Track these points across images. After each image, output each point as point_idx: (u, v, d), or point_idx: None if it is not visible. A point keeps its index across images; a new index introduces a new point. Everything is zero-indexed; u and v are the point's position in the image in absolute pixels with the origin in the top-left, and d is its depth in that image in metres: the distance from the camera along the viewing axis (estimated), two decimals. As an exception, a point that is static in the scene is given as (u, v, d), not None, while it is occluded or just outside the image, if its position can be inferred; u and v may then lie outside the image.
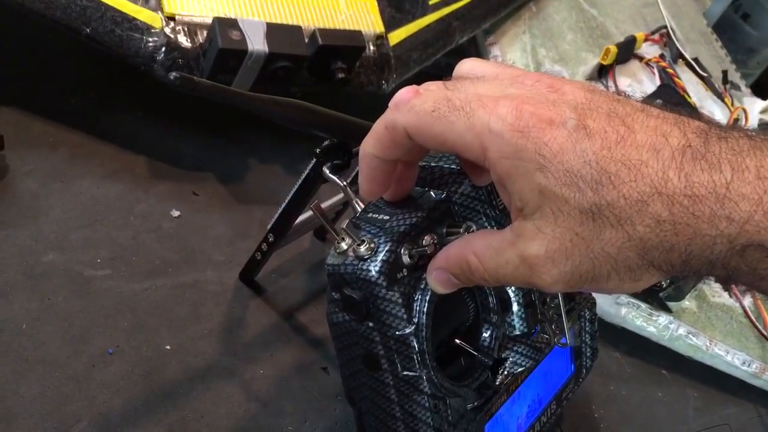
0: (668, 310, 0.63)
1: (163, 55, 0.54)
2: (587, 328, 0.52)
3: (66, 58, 0.61)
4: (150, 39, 0.54)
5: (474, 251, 0.33)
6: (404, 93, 0.32)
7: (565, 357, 0.51)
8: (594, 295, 0.60)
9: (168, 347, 0.48)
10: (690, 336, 0.62)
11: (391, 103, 0.33)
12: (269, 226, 0.49)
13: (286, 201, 0.47)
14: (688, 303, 0.65)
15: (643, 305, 0.62)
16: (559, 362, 0.50)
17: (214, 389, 0.47)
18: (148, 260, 0.52)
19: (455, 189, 0.40)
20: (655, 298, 0.63)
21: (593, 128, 0.30)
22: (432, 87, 0.33)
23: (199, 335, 0.49)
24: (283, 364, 0.50)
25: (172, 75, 0.33)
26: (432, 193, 0.40)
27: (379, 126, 0.34)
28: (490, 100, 0.31)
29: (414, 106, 0.32)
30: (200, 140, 0.62)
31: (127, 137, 0.58)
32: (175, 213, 0.56)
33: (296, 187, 0.45)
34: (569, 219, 0.30)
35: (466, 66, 0.36)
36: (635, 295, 0.62)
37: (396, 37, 0.65)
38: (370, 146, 0.34)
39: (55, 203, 0.52)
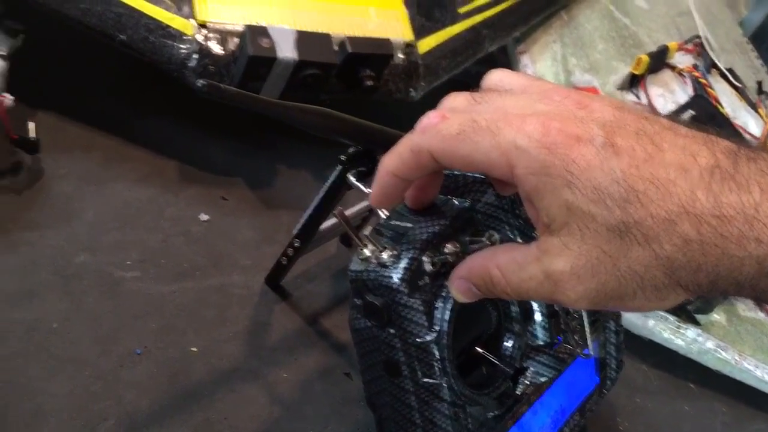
0: (697, 323, 0.62)
1: (194, 61, 0.55)
2: (612, 340, 0.51)
3: (101, 64, 0.62)
4: (182, 46, 0.55)
5: (497, 264, 0.33)
6: (431, 117, 0.33)
7: (590, 368, 0.50)
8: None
9: (194, 349, 0.49)
10: (719, 350, 0.61)
11: (417, 127, 0.33)
12: (295, 232, 0.49)
13: (312, 207, 0.47)
14: (717, 316, 0.64)
15: (671, 317, 0.61)
16: (583, 373, 0.49)
17: (238, 391, 0.48)
18: (177, 263, 0.53)
19: (479, 197, 0.40)
20: (683, 310, 0.62)
21: (621, 146, 0.30)
22: (458, 104, 0.34)
23: (224, 338, 0.50)
24: (306, 368, 0.51)
25: (200, 82, 0.33)
26: (455, 201, 0.40)
27: (403, 148, 0.34)
28: (516, 117, 0.31)
29: (440, 130, 0.32)
30: (230, 145, 0.63)
31: (158, 142, 0.60)
32: (204, 217, 0.57)
33: (322, 193, 0.46)
34: (596, 236, 0.30)
35: (495, 77, 0.36)
36: (663, 307, 0.62)
37: (425, 45, 0.65)
38: (392, 165, 0.34)
39: (88, 206, 0.53)
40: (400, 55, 0.63)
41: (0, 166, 0.52)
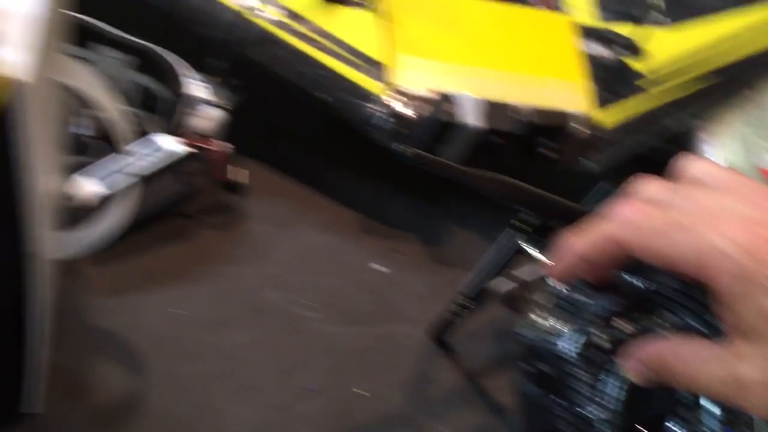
0: None
1: (384, 122, 0.59)
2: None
3: (302, 120, 0.68)
4: (375, 107, 0.59)
5: (680, 354, 0.33)
6: (628, 209, 0.33)
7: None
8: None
9: (360, 391, 0.51)
10: None
11: (612, 215, 0.34)
12: (461, 290, 0.51)
13: (480, 267, 0.49)
14: None
15: None
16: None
17: (398, 439, 0.50)
18: (350, 307, 0.56)
19: (660, 279, 0.40)
20: None
21: None
22: (655, 195, 0.34)
23: (389, 384, 0.53)
24: (464, 425, 0.52)
25: (400, 147, 0.37)
26: (636, 280, 0.40)
27: (596, 234, 0.34)
28: (719, 220, 0.31)
29: (640, 225, 0.32)
30: (407, 201, 0.66)
31: (343, 192, 0.64)
32: (377, 267, 0.60)
33: (490, 254, 0.48)
34: None
35: (697, 168, 0.35)
36: None
37: (607, 117, 0.66)
38: (581, 248, 0.35)
39: (278, 247, 0.59)
40: (579, 128, 0.64)
41: (211, 206, 0.58)
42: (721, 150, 0.75)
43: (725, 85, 0.74)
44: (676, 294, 0.40)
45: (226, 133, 0.58)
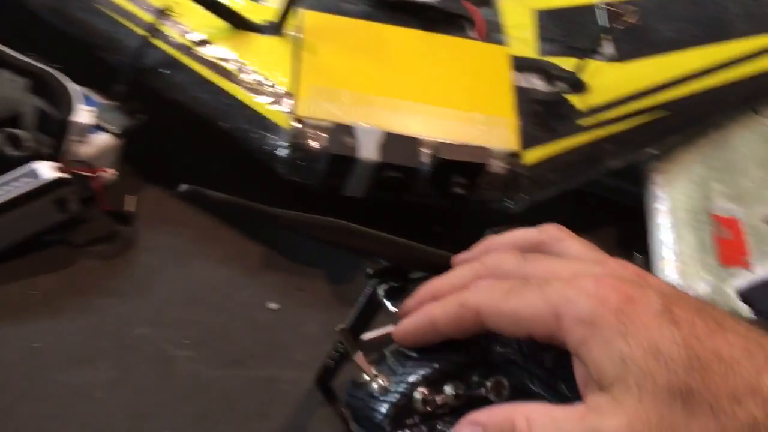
0: None
1: (286, 153, 0.56)
2: None
3: (204, 150, 0.66)
4: (277, 138, 0.57)
5: (527, 415, 0.30)
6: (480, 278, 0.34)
7: None
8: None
9: (223, 441, 0.48)
10: None
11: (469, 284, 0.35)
12: (337, 337, 0.48)
13: (350, 318, 0.46)
14: None
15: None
16: None
17: (257, 495, 0.46)
18: (232, 348, 0.53)
19: (497, 336, 0.36)
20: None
21: (681, 316, 0.29)
22: (505, 264, 0.35)
23: (257, 434, 0.49)
24: (335, 481, 0.48)
25: (182, 188, 0.33)
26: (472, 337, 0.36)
27: (452, 299, 0.34)
28: (570, 278, 0.31)
29: (491, 286, 0.33)
30: (318, 237, 0.63)
31: (248, 225, 0.61)
32: (273, 305, 0.57)
33: (357, 308, 0.44)
34: (656, 398, 0.27)
35: (550, 233, 0.36)
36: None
37: (533, 155, 0.62)
38: (435, 313, 0.35)
39: (165, 280, 0.56)
40: (501, 164, 0.60)
41: (97, 235, 0.56)
42: (672, 191, 0.70)
43: (675, 120, 0.69)
44: (514, 353, 0.36)
45: (117, 160, 0.56)
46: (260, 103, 0.58)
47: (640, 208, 0.69)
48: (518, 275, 0.33)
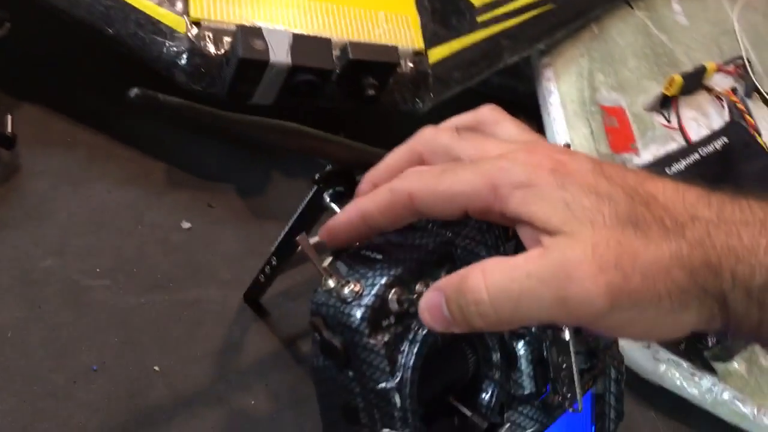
0: (713, 372, 0.57)
1: (185, 61, 0.52)
2: (612, 389, 0.46)
3: (90, 58, 0.59)
4: (173, 44, 0.52)
5: (482, 268, 0.29)
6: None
7: (585, 419, 0.46)
8: (630, 348, 0.55)
9: (157, 368, 0.45)
10: (736, 402, 0.56)
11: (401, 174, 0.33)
12: (272, 249, 0.46)
13: (288, 226, 0.44)
14: (736, 365, 0.58)
15: (685, 364, 0.56)
16: (575, 425, 0.45)
17: (199, 417, 0.45)
18: (150, 273, 0.50)
19: (459, 230, 0.36)
20: (698, 356, 0.57)
21: (612, 172, 0.30)
22: (439, 141, 0.34)
23: (191, 358, 0.47)
24: (278, 395, 0.47)
25: (133, 92, 0.30)
26: (435, 230, 0.36)
27: (381, 189, 0.33)
28: (503, 154, 0.31)
29: (421, 171, 0.32)
30: (223, 149, 0.59)
31: (147, 142, 0.57)
32: (186, 225, 0.54)
33: (297, 214, 0.42)
34: (608, 228, 0.28)
35: (485, 114, 0.35)
36: (677, 352, 0.57)
37: (437, 54, 0.61)
38: (364, 205, 0.33)
39: (62, 206, 0.51)
40: (408, 64, 0.59)
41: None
42: (562, 85, 0.72)
43: (560, 14, 0.70)
44: (477, 246, 0.36)
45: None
46: (149, 4, 0.52)
47: (532, 104, 0.71)
48: (450, 157, 0.33)
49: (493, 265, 0.29)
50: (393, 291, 0.33)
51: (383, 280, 0.33)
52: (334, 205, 0.39)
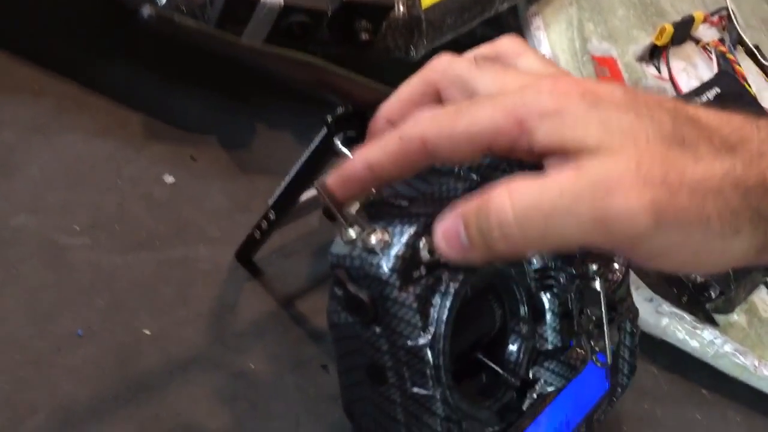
0: (714, 324, 0.56)
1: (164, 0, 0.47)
2: (627, 342, 0.45)
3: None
4: (151, -21, 0.47)
5: (509, 186, 0.26)
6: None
7: (600, 374, 0.44)
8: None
9: (147, 332, 0.42)
10: (737, 354, 0.55)
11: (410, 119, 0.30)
12: (271, 202, 0.43)
13: (292, 174, 0.40)
14: (737, 317, 0.58)
15: (688, 317, 0.55)
16: (592, 380, 0.43)
17: (195, 383, 0.41)
18: (134, 230, 0.46)
19: (488, 174, 0.33)
20: (700, 309, 0.56)
21: (647, 98, 0.27)
22: (456, 69, 0.31)
23: (183, 320, 0.43)
24: (277, 358, 0.44)
25: (146, 13, 0.26)
26: (462, 173, 0.33)
27: (389, 136, 0.29)
28: (522, 88, 0.28)
29: (434, 113, 0.29)
30: (204, 98, 0.55)
31: (123, 90, 0.52)
32: (169, 179, 0.50)
33: (303, 159, 0.39)
34: (653, 143, 0.25)
35: (505, 45, 0.33)
36: (679, 305, 0.56)
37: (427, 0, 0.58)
38: (370, 154, 0.30)
39: (33, 159, 0.46)
40: (401, 8, 0.56)
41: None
42: (551, 34, 0.69)
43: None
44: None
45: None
46: (123, -64, 0.48)
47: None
48: (466, 89, 0.30)
49: (521, 183, 0.26)
50: (423, 240, 0.31)
51: (413, 229, 0.30)
52: (346, 150, 0.36)
